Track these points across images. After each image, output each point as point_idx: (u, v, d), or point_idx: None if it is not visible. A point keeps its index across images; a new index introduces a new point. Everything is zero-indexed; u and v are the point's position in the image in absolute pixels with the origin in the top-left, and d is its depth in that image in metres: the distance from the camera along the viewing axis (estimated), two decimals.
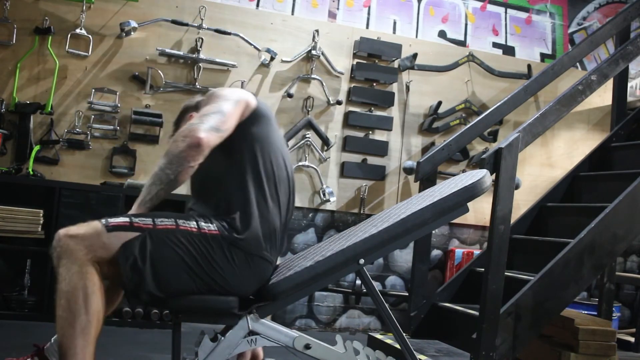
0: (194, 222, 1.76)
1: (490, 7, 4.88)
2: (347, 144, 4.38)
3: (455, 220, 3.06)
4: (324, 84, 4.31)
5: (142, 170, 4.00)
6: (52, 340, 1.92)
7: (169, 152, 1.74)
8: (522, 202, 4.17)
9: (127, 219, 1.72)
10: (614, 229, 2.83)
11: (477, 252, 4.36)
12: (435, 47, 4.63)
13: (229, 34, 4.10)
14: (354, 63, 4.40)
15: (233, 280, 1.76)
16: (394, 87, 4.51)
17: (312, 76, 4.29)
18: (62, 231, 1.70)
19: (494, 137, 4.60)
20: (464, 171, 4.43)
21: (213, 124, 1.76)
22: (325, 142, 4.29)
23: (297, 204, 4.29)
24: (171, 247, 1.70)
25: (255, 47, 4.15)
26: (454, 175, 4.08)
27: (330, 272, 1.88)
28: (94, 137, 3.92)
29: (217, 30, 4.08)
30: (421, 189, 3.05)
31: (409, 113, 4.54)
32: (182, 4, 4.10)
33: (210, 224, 1.76)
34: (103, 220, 1.71)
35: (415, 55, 4.47)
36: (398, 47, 4.44)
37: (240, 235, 1.77)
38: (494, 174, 2.62)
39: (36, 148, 3.76)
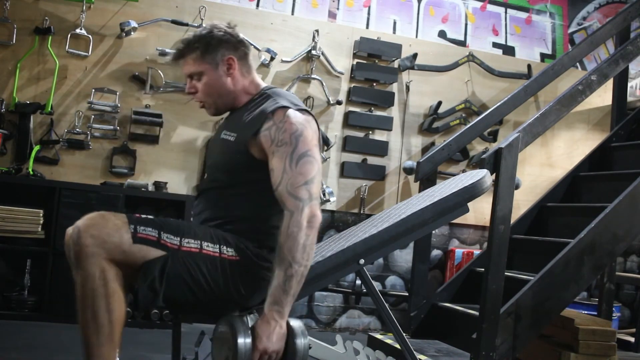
0: (217, 246, 1.72)
1: (490, 7, 4.88)
2: (347, 144, 4.38)
3: (455, 220, 3.05)
4: (324, 84, 4.31)
5: (142, 170, 3.99)
6: None
7: (298, 243, 1.62)
8: (522, 202, 4.17)
9: (155, 233, 1.65)
10: (614, 229, 2.83)
11: (477, 252, 4.36)
12: (435, 47, 4.63)
13: None
14: (354, 63, 4.40)
15: (241, 300, 1.76)
16: (394, 87, 4.51)
17: (312, 76, 4.29)
18: (82, 226, 1.60)
19: (494, 137, 4.60)
20: (464, 171, 4.43)
21: (319, 198, 1.70)
22: (325, 142, 4.29)
23: None
24: (189, 272, 1.67)
25: (255, 47, 4.15)
26: (454, 175, 4.07)
27: (330, 272, 1.88)
28: (94, 137, 3.92)
29: None
30: (421, 189, 3.05)
31: (409, 113, 4.54)
32: (182, 4, 4.10)
33: (230, 249, 1.72)
34: (132, 226, 1.62)
35: (415, 55, 4.47)
36: (398, 47, 4.44)
37: (263, 262, 1.76)
38: (494, 174, 2.62)
39: (36, 148, 3.76)
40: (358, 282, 4.22)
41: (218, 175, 1.88)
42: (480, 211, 4.38)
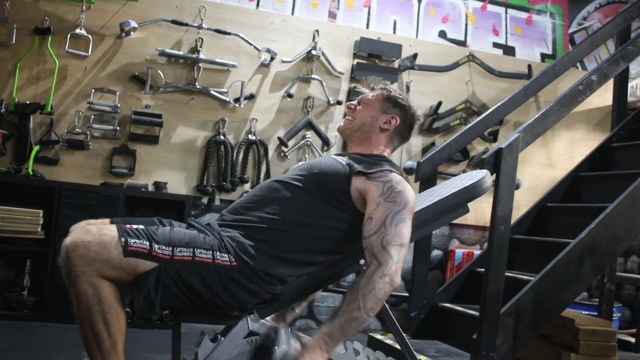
0: (210, 252, 1.71)
1: (491, 7, 4.88)
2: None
3: (456, 221, 3.04)
4: (324, 84, 4.30)
5: (141, 170, 3.99)
6: None
7: (374, 294, 1.67)
8: (523, 202, 4.16)
9: (147, 245, 1.65)
10: (614, 229, 2.83)
11: (477, 252, 4.36)
12: (436, 47, 4.63)
13: (229, 34, 4.10)
14: (354, 63, 4.40)
15: (238, 304, 1.77)
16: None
17: (312, 76, 4.29)
18: (69, 245, 1.60)
19: (494, 137, 4.60)
20: (464, 171, 4.42)
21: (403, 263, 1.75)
22: (325, 142, 4.29)
23: None
24: (184, 281, 1.68)
25: (255, 47, 4.15)
26: (454, 175, 4.07)
27: (330, 273, 1.88)
28: (94, 137, 3.92)
29: (217, 30, 4.08)
30: (421, 189, 3.05)
31: None
32: (182, 4, 4.09)
33: (224, 254, 1.72)
34: (122, 239, 1.62)
35: (415, 55, 4.47)
36: (398, 47, 4.43)
37: (260, 273, 1.76)
38: (494, 174, 2.61)
39: (36, 148, 3.76)
40: None
41: (307, 178, 1.88)
42: (480, 211, 4.38)
